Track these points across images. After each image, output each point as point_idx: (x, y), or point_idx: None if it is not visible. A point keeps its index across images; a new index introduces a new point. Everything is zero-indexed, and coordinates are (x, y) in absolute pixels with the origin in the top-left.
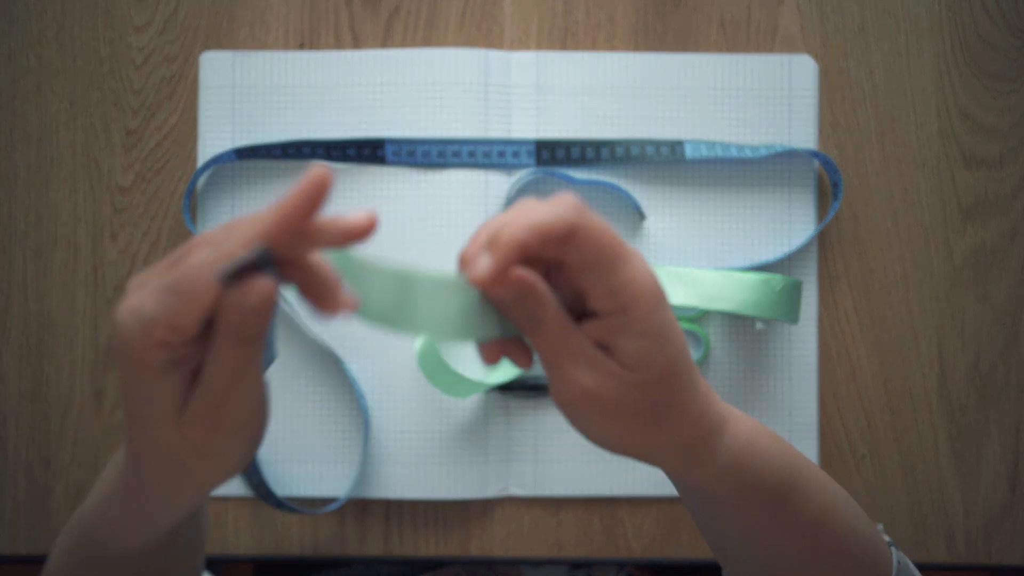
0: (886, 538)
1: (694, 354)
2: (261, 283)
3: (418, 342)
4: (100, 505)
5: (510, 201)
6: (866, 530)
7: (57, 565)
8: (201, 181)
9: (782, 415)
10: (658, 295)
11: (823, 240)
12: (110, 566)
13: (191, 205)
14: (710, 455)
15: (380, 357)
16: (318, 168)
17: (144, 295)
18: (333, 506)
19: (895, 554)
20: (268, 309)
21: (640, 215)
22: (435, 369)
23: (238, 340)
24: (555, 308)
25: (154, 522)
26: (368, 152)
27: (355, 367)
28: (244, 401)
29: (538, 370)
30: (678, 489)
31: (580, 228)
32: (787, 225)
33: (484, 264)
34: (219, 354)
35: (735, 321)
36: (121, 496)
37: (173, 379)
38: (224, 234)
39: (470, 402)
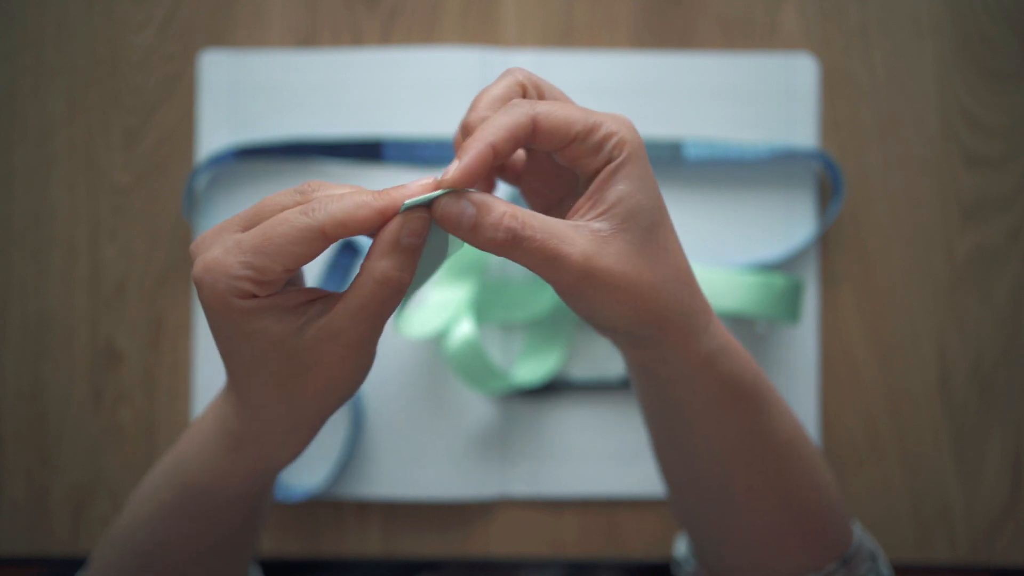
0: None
1: None
2: (419, 214)
3: (453, 339)
4: (205, 460)
5: (511, 200)
6: (829, 478)
7: (144, 515)
8: (200, 181)
9: None
10: (637, 145)
11: (824, 240)
12: (210, 515)
13: (190, 205)
14: (697, 336)
15: (381, 357)
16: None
17: (222, 254)
18: (301, 498)
19: (857, 527)
20: (422, 234)
21: None
22: (470, 363)
23: (399, 254)
24: (522, 216)
25: (269, 461)
26: (367, 152)
27: None
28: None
29: (564, 370)
30: (654, 399)
31: (540, 117)
32: (787, 225)
33: (452, 167)
34: (368, 277)
35: (736, 322)
36: (235, 445)
37: (274, 317)
38: (298, 197)
39: (470, 402)
